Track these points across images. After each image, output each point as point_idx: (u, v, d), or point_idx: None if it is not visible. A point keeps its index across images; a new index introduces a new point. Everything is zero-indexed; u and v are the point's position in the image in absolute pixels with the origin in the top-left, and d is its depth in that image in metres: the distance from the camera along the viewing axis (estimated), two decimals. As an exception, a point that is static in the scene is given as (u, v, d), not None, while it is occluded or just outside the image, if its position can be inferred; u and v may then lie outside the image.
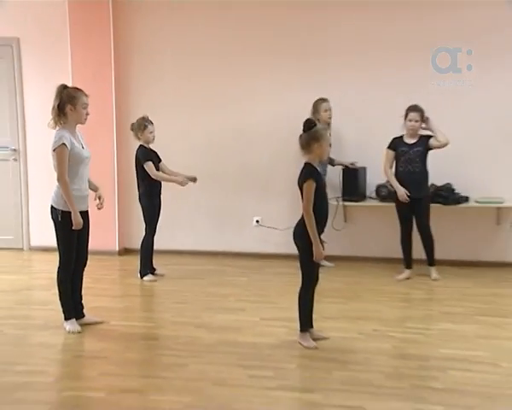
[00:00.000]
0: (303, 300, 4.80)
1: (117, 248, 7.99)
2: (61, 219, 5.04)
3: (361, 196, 7.36)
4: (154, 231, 6.82)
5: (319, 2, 7.42)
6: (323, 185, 4.65)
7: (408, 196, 6.53)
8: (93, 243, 7.81)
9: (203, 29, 7.69)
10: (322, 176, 4.77)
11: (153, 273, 6.84)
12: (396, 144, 6.63)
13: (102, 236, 7.92)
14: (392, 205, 7.10)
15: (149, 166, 6.62)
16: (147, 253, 6.81)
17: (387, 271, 7.01)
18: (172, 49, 7.80)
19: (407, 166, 6.57)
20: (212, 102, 7.56)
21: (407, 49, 7.24)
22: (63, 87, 5.05)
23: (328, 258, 7.50)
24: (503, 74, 7.10)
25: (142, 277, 6.79)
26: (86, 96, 5.03)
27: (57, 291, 5.15)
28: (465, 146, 6.92)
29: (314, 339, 4.75)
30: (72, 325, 5.10)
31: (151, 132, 6.65)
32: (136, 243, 6.92)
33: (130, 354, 4.70)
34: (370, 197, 7.40)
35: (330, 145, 5.60)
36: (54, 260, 7.62)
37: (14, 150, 8.24)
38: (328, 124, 6.84)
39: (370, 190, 7.40)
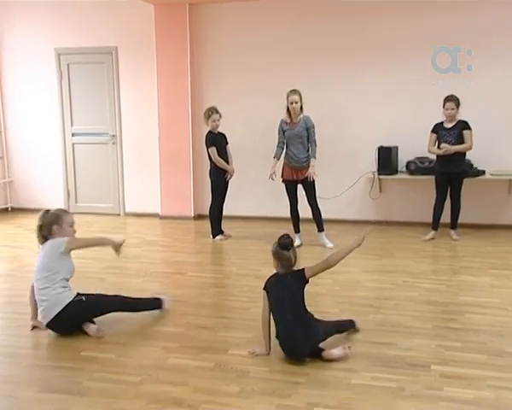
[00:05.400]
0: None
1: (192, 214, 8.07)
2: None
3: (393, 171, 7.22)
4: (220, 201, 6.85)
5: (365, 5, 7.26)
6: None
7: (446, 172, 6.42)
8: (173, 210, 8.06)
9: (262, 32, 7.61)
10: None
11: (222, 234, 6.90)
12: (437, 128, 6.48)
13: (180, 204, 8.05)
14: (420, 177, 7.04)
15: (212, 151, 6.63)
16: (214, 218, 6.86)
17: (415, 232, 6.88)
18: (237, 49, 7.73)
19: (446, 145, 6.39)
20: (269, 93, 7.49)
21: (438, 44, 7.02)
22: (45, 212, 4.14)
23: (365, 223, 7.45)
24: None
25: (213, 237, 6.85)
26: (70, 215, 4.24)
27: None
28: (481, 127, 6.68)
29: None
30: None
31: (214, 121, 6.61)
32: (208, 210, 6.98)
33: (204, 298, 4.77)
34: (401, 171, 7.26)
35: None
36: (144, 223, 7.84)
37: (113, 136, 8.38)
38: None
39: (401, 165, 7.25)
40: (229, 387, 3.15)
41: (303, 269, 3.60)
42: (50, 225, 4.02)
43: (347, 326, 3.87)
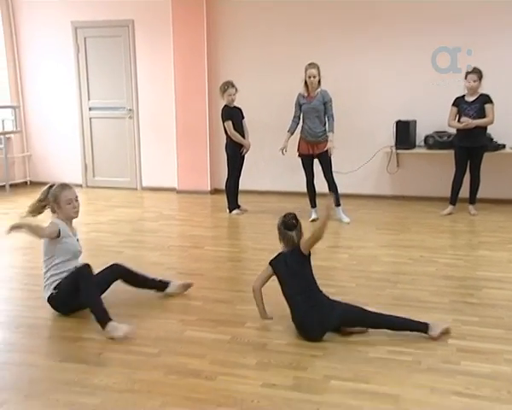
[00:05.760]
0: None
1: (209, 189, 8.07)
2: None
3: (411, 145, 7.14)
4: (236, 175, 6.84)
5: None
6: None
7: (466, 147, 6.32)
8: (189, 185, 8.07)
9: (279, 5, 7.50)
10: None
11: (238, 209, 6.90)
12: (458, 102, 6.35)
13: (197, 178, 8.05)
14: (438, 152, 6.95)
15: (228, 125, 6.60)
16: (230, 192, 6.85)
17: (433, 207, 6.81)
18: (254, 22, 7.64)
19: (466, 119, 6.28)
20: (287, 66, 7.40)
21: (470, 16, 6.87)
22: (49, 187, 3.93)
23: (382, 197, 7.41)
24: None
25: (230, 211, 6.86)
26: (70, 189, 3.89)
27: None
28: (502, 100, 6.56)
29: None
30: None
31: (230, 95, 6.57)
32: (224, 185, 6.97)
33: (220, 272, 4.79)
34: (419, 146, 7.18)
35: None
36: (161, 197, 7.87)
37: (130, 110, 8.37)
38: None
39: (419, 139, 7.16)
40: (246, 359, 3.17)
41: (298, 245, 3.56)
42: (52, 204, 3.87)
43: (413, 326, 3.42)
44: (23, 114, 8.77)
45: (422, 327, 3.38)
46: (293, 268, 3.51)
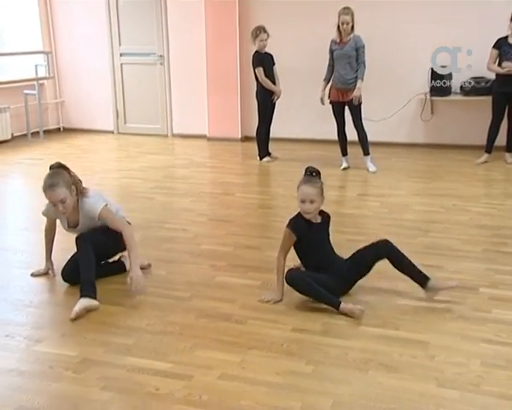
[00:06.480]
0: None
1: (239, 136, 8.02)
2: None
3: (447, 92, 6.92)
4: (267, 122, 6.76)
5: None
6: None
7: (506, 92, 6.10)
8: (220, 132, 8.03)
9: None
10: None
11: (269, 156, 6.86)
12: (500, 44, 6.09)
13: (228, 125, 8.00)
14: (475, 98, 6.72)
15: (259, 71, 6.50)
16: (261, 139, 6.80)
17: (467, 156, 6.64)
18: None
19: (509, 64, 6.05)
20: (320, 11, 7.18)
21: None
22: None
23: (415, 146, 7.26)
24: None
25: (260, 159, 6.82)
26: (53, 191, 3.29)
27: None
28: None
29: None
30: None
31: (261, 40, 6.44)
32: (255, 132, 6.92)
33: (250, 219, 4.81)
34: (455, 92, 6.95)
35: None
36: (191, 144, 7.87)
37: (160, 56, 8.29)
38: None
39: (455, 86, 6.93)
40: (276, 305, 3.20)
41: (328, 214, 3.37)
42: None
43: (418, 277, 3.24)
44: (55, 60, 8.77)
45: (421, 279, 3.19)
46: (317, 234, 3.28)
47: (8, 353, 2.79)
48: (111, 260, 3.70)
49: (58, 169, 3.41)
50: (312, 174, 3.27)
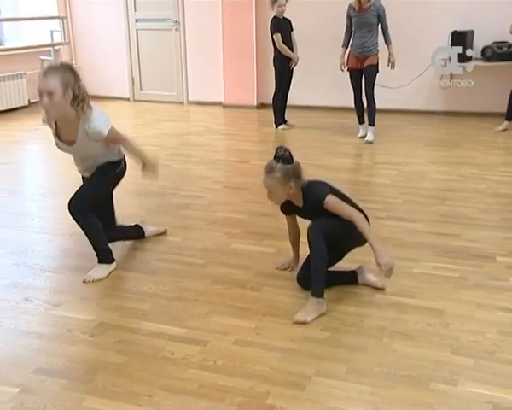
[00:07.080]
0: None
1: (255, 103, 7.95)
2: None
3: (467, 57, 6.76)
4: (284, 90, 6.67)
5: None
6: None
7: None
8: (236, 99, 7.96)
9: None
10: None
11: (285, 123, 6.79)
12: None
13: (243, 92, 7.92)
14: (496, 64, 6.58)
15: (277, 38, 6.39)
16: (277, 107, 6.72)
17: (487, 123, 6.53)
18: None
19: None
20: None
21: None
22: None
23: (433, 113, 7.13)
24: None
25: (276, 126, 6.77)
26: (43, 78, 2.98)
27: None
28: None
29: None
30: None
31: (280, 6, 6.32)
32: (271, 99, 6.85)
33: (266, 186, 4.78)
34: (476, 58, 6.79)
35: None
36: (207, 112, 7.82)
37: (176, 22, 8.20)
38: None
39: (477, 51, 6.76)
40: (292, 272, 3.20)
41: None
42: None
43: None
44: (70, 26, 8.72)
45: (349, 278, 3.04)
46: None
47: (27, 316, 2.84)
48: (128, 225, 3.65)
49: (65, 67, 3.09)
50: (279, 159, 3.04)
